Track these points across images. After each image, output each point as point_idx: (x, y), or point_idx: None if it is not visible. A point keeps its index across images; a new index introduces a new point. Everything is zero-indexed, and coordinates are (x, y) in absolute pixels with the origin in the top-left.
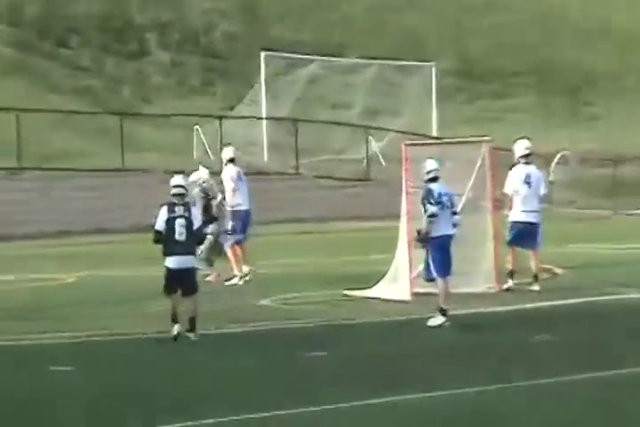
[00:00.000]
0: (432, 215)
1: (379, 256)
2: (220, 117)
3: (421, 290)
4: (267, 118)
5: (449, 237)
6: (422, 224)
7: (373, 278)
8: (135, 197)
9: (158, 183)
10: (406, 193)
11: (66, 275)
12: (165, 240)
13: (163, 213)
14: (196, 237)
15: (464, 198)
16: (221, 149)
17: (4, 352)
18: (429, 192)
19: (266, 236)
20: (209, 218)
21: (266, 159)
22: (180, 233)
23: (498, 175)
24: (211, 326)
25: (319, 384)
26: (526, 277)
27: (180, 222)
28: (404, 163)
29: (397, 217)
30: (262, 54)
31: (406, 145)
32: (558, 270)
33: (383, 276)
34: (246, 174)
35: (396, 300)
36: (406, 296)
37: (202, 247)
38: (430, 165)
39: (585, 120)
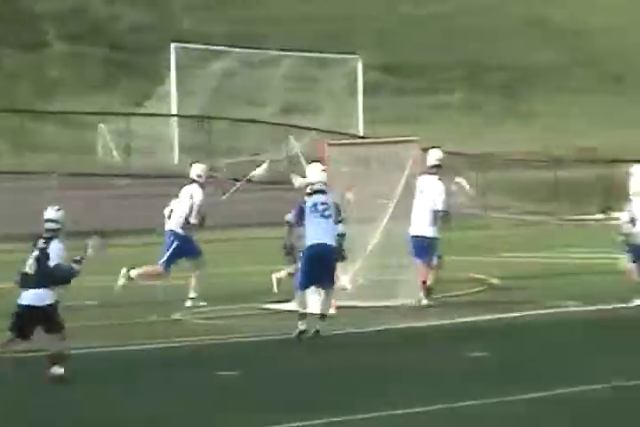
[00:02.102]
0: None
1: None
2: (128, 115)
3: (346, 303)
4: (177, 116)
5: (318, 247)
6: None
7: (293, 290)
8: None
9: (57, 188)
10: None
11: None
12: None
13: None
14: (47, 272)
15: (392, 205)
16: (127, 148)
17: None
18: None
19: None
20: None
21: (176, 160)
22: (29, 265)
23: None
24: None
25: (234, 405)
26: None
27: (34, 255)
28: (325, 164)
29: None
30: (172, 46)
31: (328, 145)
32: (494, 281)
33: None
34: (155, 177)
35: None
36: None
37: None
38: (314, 176)
39: (521, 118)
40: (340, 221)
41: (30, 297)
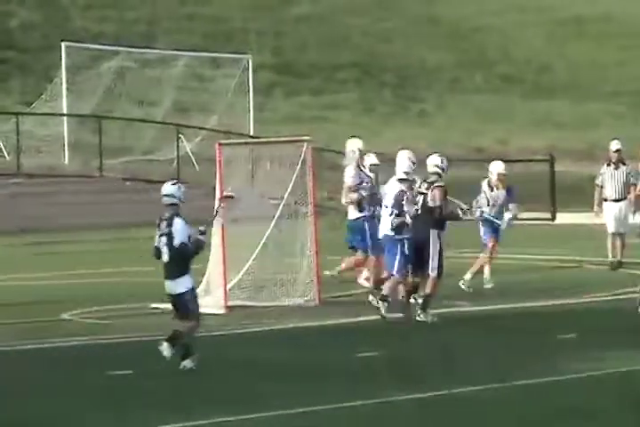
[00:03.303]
0: None
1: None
2: (17, 114)
3: (236, 303)
4: (68, 115)
5: None
6: None
7: None
8: None
9: None
10: (222, 200)
11: None
12: None
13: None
14: (177, 254)
15: (282, 203)
16: (17, 147)
17: None
18: None
19: (63, 244)
20: None
21: (67, 160)
22: (164, 253)
23: (322, 178)
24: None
25: (124, 403)
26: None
27: (162, 241)
28: (218, 164)
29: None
30: (63, 45)
31: (221, 144)
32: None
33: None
34: (46, 176)
35: (209, 313)
36: (220, 309)
37: None
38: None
39: (414, 117)
40: None
41: (168, 286)
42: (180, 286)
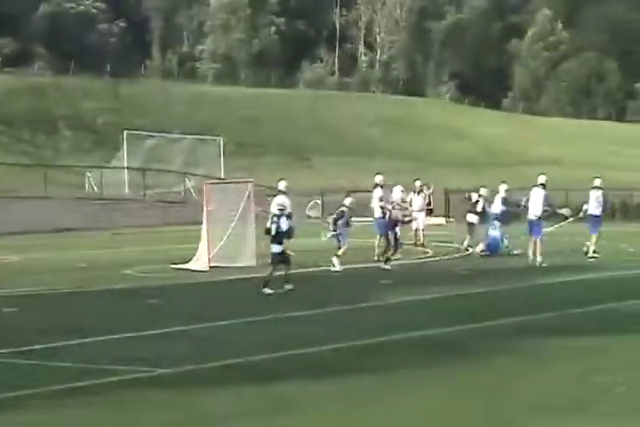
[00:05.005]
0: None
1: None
2: (101, 167)
3: (216, 264)
4: (128, 168)
5: None
6: None
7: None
8: None
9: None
10: (207, 211)
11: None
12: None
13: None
14: (282, 234)
15: (239, 212)
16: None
17: None
18: None
19: (132, 234)
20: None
21: (127, 190)
22: (274, 231)
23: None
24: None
25: (161, 316)
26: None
27: (273, 226)
28: (205, 193)
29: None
30: (125, 133)
31: (207, 183)
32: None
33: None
34: (115, 200)
35: (199, 270)
36: (205, 268)
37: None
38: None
39: (303, 169)
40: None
41: (275, 247)
42: (279, 247)
